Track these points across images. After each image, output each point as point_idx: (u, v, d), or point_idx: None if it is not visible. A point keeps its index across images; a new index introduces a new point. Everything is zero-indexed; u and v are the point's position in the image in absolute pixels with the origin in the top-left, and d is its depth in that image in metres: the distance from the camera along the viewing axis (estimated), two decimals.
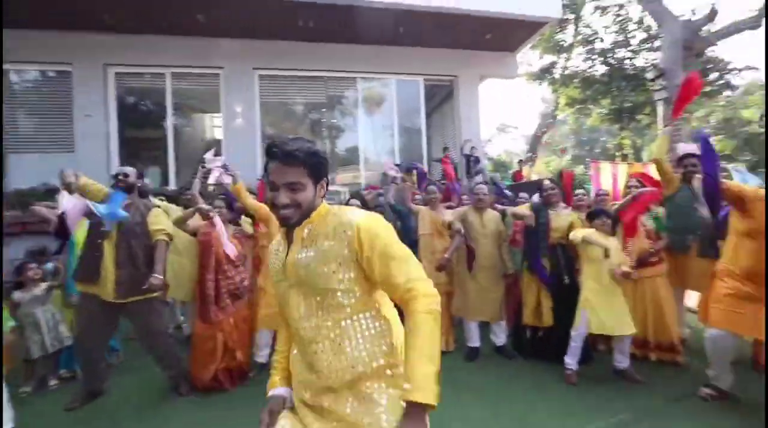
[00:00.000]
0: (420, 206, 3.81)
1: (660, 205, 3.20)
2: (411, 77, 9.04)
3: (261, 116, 8.10)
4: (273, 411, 1.08)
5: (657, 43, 10.27)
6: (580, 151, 21.07)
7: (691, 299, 3.47)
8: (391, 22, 7.43)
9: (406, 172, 5.35)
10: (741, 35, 7.56)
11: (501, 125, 25.03)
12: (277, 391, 1.13)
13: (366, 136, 9.00)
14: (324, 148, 9.32)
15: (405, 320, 0.98)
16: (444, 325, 3.31)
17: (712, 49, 8.97)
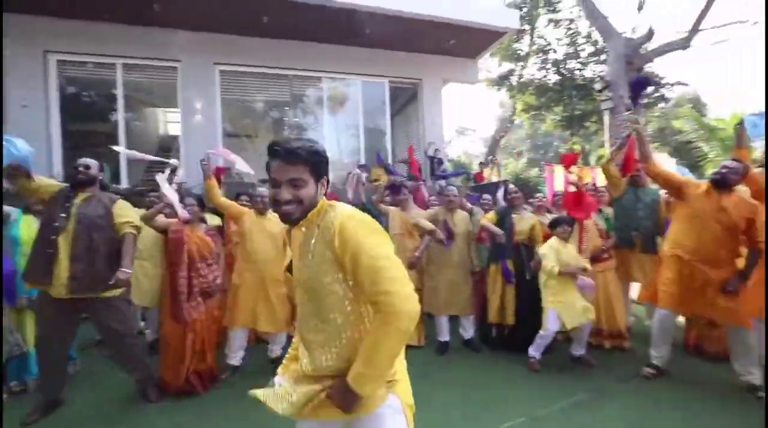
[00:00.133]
0: (390, 207, 3.92)
1: (609, 206, 3.58)
2: (376, 79, 9.08)
3: (222, 113, 7.80)
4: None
5: (603, 57, 11.21)
6: (535, 155, 22.39)
7: (634, 291, 3.89)
8: (358, 23, 7.48)
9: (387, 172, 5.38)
10: (673, 54, 8.50)
11: (460, 128, 25.88)
12: (278, 379, 1.18)
13: (330, 135, 8.95)
14: None
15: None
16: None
17: (649, 65, 9.96)
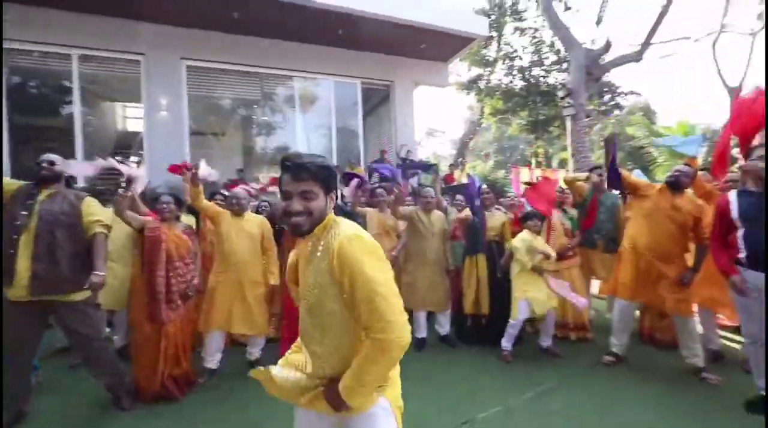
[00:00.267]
0: (367, 208, 4.00)
1: (572, 207, 3.85)
2: (349, 79, 9.13)
3: (189, 110, 7.56)
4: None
5: (565, 66, 11.89)
6: (501, 157, 23.26)
7: (594, 287, 4.21)
8: (331, 23, 7.50)
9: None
10: (627, 66, 9.20)
11: (429, 129, 26.44)
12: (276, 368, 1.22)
13: (302, 135, 8.90)
14: (256, 145, 9.04)
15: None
16: None
17: (607, 76, 10.67)
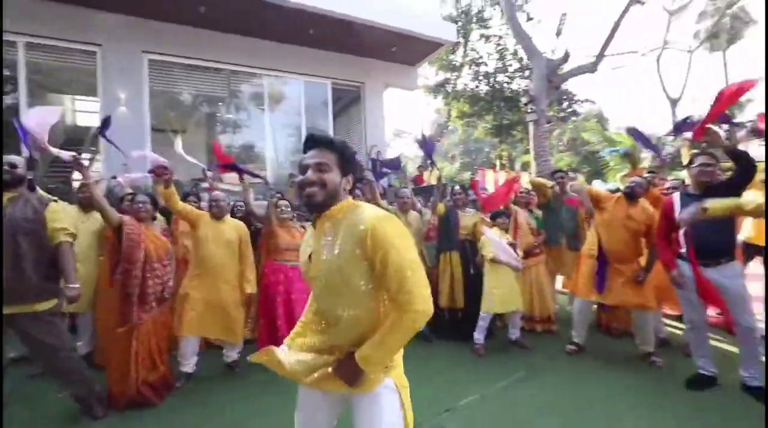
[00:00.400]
0: None
1: (537, 208, 4.14)
2: (319, 79, 9.12)
3: (150, 105, 7.26)
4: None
5: (527, 73, 12.53)
6: (467, 159, 24.02)
7: (558, 283, 4.53)
8: (302, 22, 7.49)
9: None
10: (584, 76, 9.90)
11: (397, 130, 26.77)
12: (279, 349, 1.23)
13: (271, 134, 8.79)
14: (229, 144, 8.80)
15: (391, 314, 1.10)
16: None
17: (565, 84, 11.39)
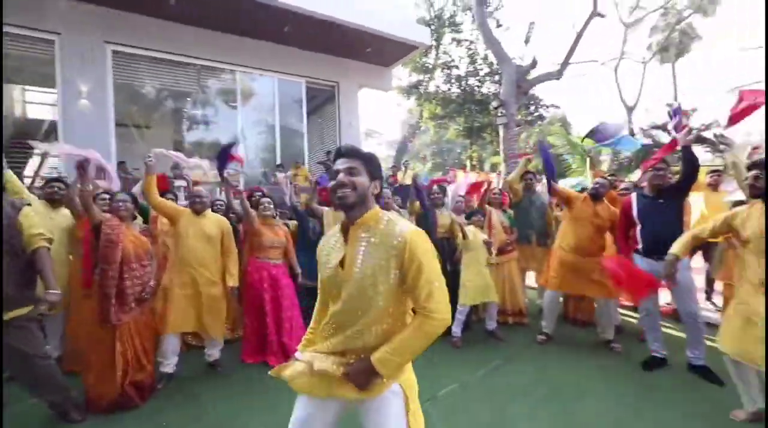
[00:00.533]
0: (323, 207, 4.15)
1: (510, 208, 4.39)
2: (293, 78, 9.09)
3: (115, 99, 6.99)
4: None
5: (497, 77, 13.03)
6: (439, 160, 24.54)
7: (529, 278, 4.82)
8: (278, 20, 7.46)
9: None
10: (549, 82, 10.47)
11: (368, 130, 26.89)
12: (297, 355, 1.32)
13: (244, 132, 8.66)
14: (190, 140, 8.59)
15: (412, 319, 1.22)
16: None
17: (532, 90, 11.95)
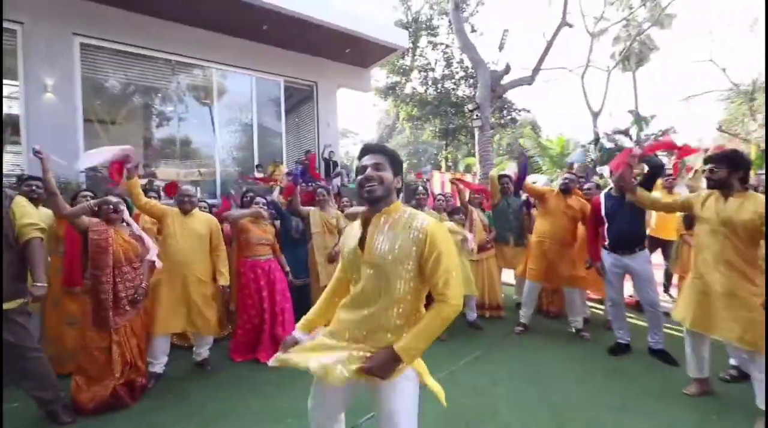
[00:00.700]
0: (309, 207, 4.26)
1: (489, 210, 4.66)
2: (271, 76, 9.07)
3: (83, 94, 6.77)
4: (286, 344, 1.46)
5: (472, 81, 13.47)
6: (415, 160, 24.95)
7: (506, 275, 5.11)
8: (256, 17, 7.45)
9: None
10: (521, 87, 10.95)
11: (343, 130, 26.91)
12: (295, 333, 1.50)
13: (219, 129, 8.55)
14: (162, 138, 8.40)
15: (429, 307, 1.32)
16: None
17: (505, 94, 12.44)
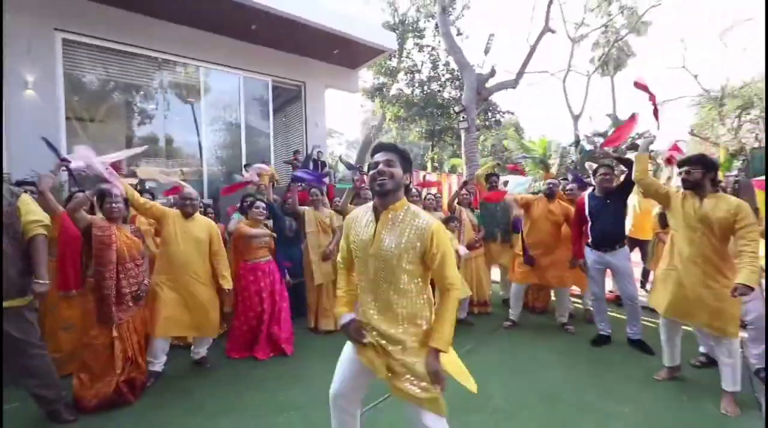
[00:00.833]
0: (303, 207, 4.35)
1: (478, 208, 4.85)
2: (259, 76, 9.07)
3: (66, 92, 6.65)
4: (357, 328, 1.56)
5: (458, 83, 13.73)
6: None
7: (494, 273, 5.32)
8: (244, 17, 7.46)
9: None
10: (506, 91, 11.27)
11: (328, 130, 26.91)
12: (350, 316, 1.62)
13: (206, 129, 8.51)
14: (148, 137, 8.30)
15: (439, 297, 1.50)
16: (330, 307, 4.11)
17: (492, 96, 12.74)
